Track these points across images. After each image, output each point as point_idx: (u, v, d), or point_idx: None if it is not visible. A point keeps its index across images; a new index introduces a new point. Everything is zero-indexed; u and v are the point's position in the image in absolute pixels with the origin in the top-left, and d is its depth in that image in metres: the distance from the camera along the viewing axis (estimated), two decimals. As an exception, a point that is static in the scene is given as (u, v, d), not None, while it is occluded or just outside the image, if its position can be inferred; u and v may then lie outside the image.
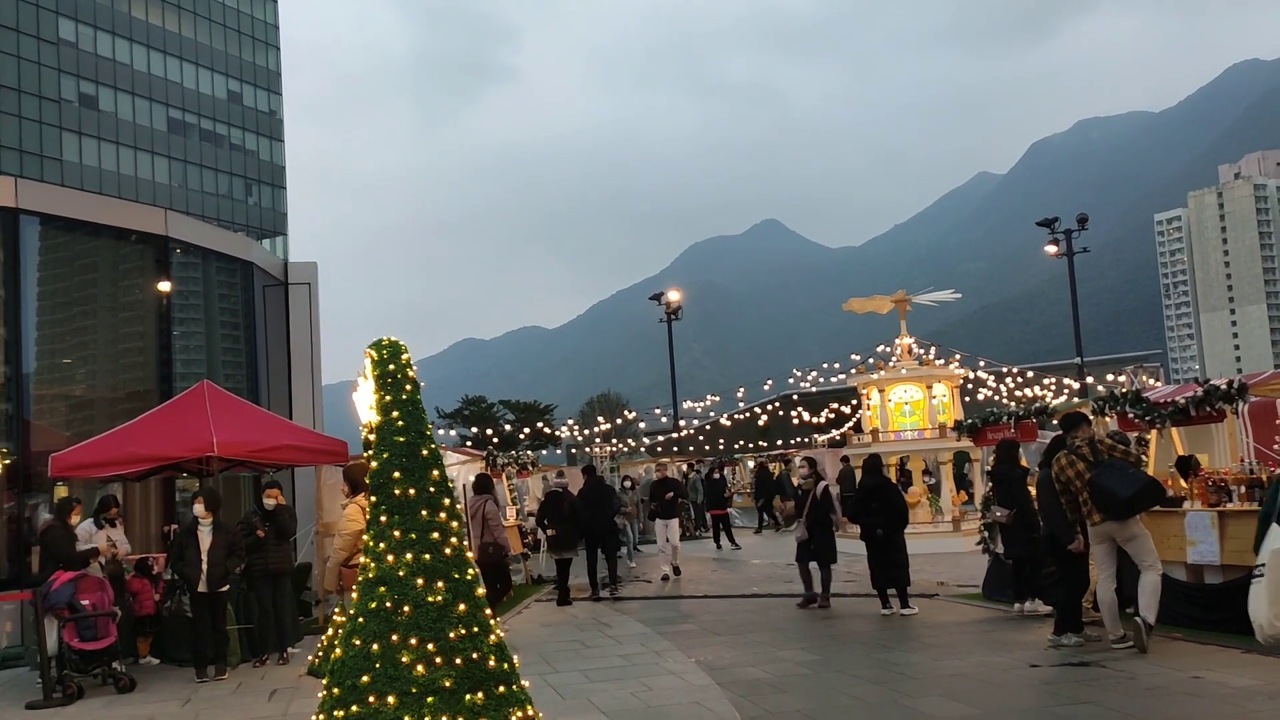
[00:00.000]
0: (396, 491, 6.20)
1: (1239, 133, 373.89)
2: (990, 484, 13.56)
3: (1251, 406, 10.52)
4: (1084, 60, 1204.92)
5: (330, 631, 9.50)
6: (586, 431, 40.06)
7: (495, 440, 32.57)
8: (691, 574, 18.66)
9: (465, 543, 6.81)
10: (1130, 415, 11.00)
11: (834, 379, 30.58)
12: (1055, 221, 33.45)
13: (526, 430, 47.12)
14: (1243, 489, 10.33)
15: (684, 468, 31.97)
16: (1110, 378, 32.50)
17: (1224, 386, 9.94)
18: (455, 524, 6.49)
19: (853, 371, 24.42)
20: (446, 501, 6.38)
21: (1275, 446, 10.06)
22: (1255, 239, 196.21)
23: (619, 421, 41.29)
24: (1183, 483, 11.03)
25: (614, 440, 40.75)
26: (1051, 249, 33.23)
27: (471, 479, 17.20)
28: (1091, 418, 10.71)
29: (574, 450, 47.42)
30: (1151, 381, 35.37)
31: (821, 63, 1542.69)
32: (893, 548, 12.88)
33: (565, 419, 53.88)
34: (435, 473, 6.38)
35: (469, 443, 39.66)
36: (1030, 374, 33.42)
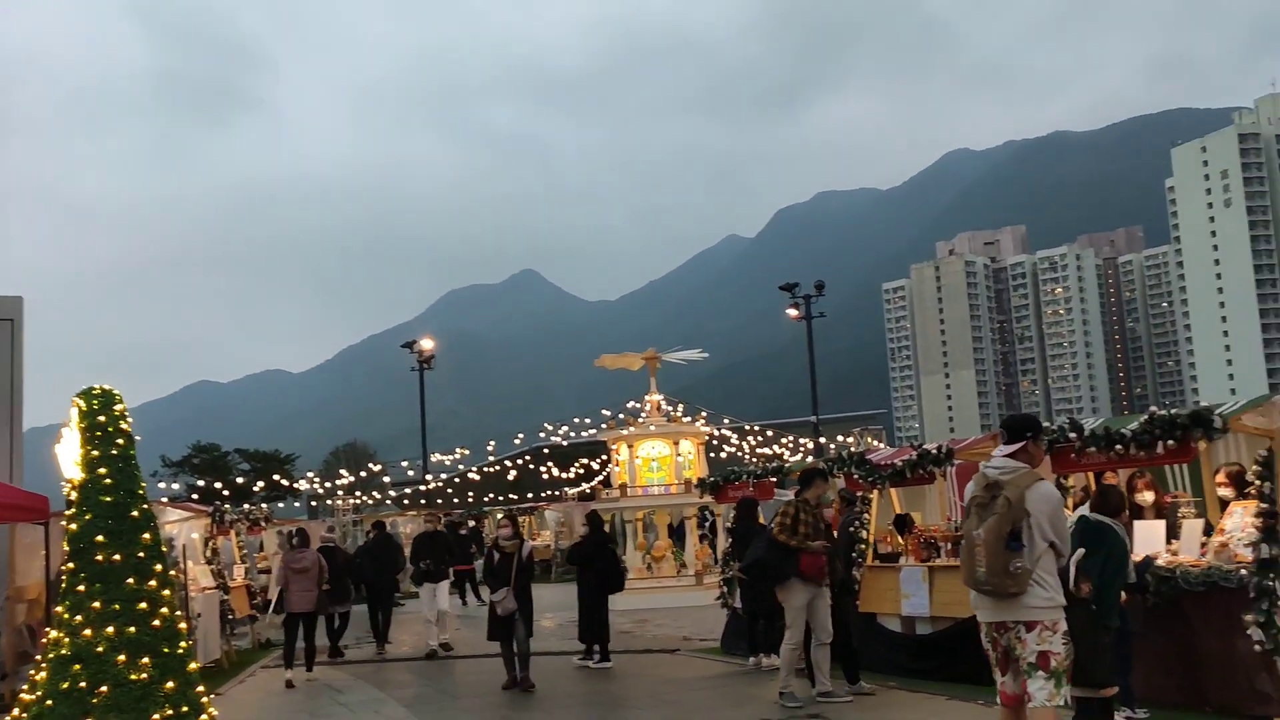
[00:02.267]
0: (99, 557, 5.67)
1: (954, 213, 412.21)
2: (731, 540, 14.03)
3: (958, 468, 11.42)
4: (825, 136, 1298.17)
5: (15, 712, 8.50)
6: (329, 483, 38.42)
7: (226, 492, 30.60)
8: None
9: (179, 612, 6.31)
10: (855, 476, 11.70)
11: (585, 433, 30.90)
12: (796, 286, 35.47)
13: (262, 482, 44.65)
14: (950, 545, 11.18)
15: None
16: (841, 438, 34.48)
17: (935, 451, 10.76)
18: (167, 592, 6.00)
19: (603, 426, 24.73)
20: (158, 568, 5.90)
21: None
22: (966, 310, 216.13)
23: (363, 474, 39.88)
24: (899, 539, 11.80)
25: (358, 493, 39.27)
26: (793, 312, 35.15)
27: (195, 536, 16.04)
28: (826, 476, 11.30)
29: (315, 503, 45.36)
30: (875, 443, 37.80)
31: (584, 118, 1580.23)
32: (603, 605, 13.37)
33: (307, 469, 51.40)
34: (146, 536, 5.89)
35: (195, 495, 37.11)
36: (771, 432, 35.08)
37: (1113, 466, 9.18)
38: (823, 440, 34.43)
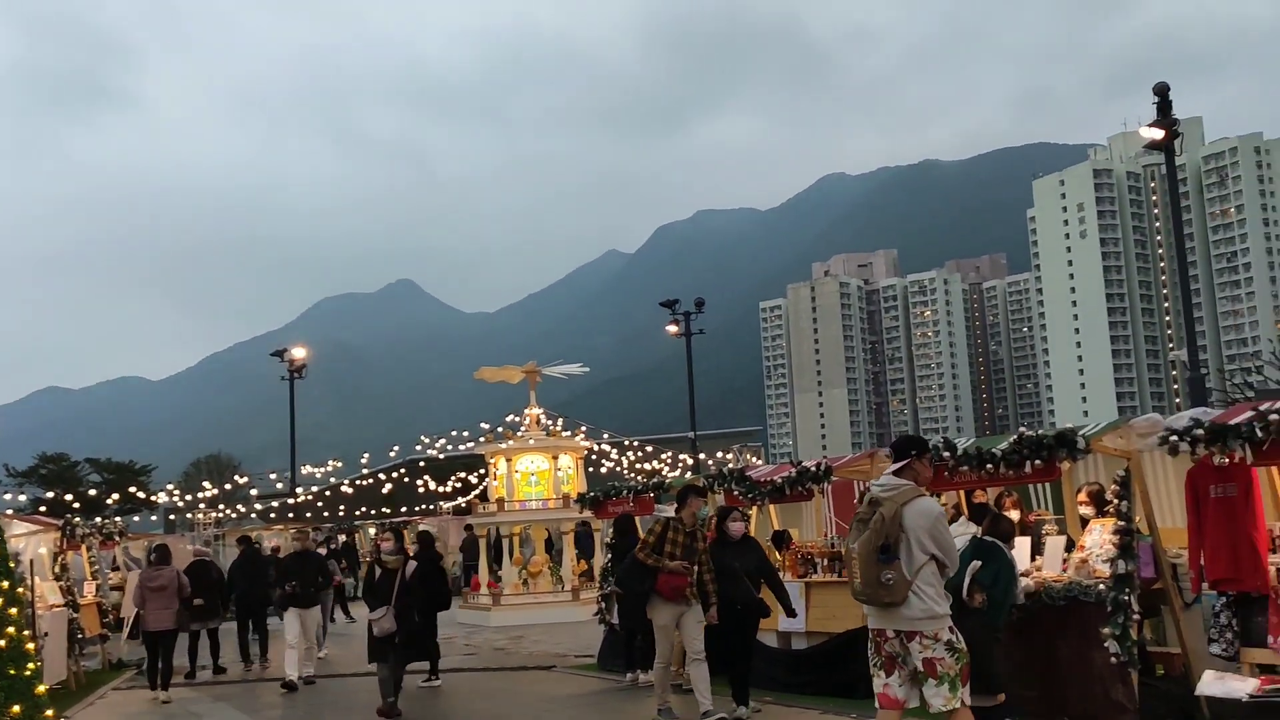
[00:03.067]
0: (-66, 577, 5.26)
1: (830, 235, 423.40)
2: (609, 556, 13.98)
3: (834, 485, 11.63)
4: (706, 155, 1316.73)
5: None
6: (189, 496, 36.85)
7: (76, 505, 29.05)
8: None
9: (27, 631, 5.91)
10: (735, 492, 11.79)
11: (462, 446, 30.43)
12: (676, 303, 35.70)
13: (116, 494, 42.51)
14: (826, 561, 11.37)
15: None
16: (720, 454, 34.81)
17: (813, 468, 10.93)
18: (14, 610, 5.61)
19: (481, 440, 24.40)
20: (3, 584, 5.51)
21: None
22: (840, 330, 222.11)
23: (227, 487, 38.38)
24: (777, 555, 11.94)
25: (221, 506, 37.79)
26: (672, 328, 35.38)
27: (43, 551, 15.15)
28: (705, 493, 11.33)
29: (173, 516, 43.46)
30: (754, 460, 38.30)
31: (467, 128, 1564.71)
32: (433, 623, 13.18)
33: (165, 481, 49.18)
34: (-11, 553, 5.50)
35: (43, 508, 35.12)
36: (650, 447, 35.18)
37: (983, 485, 9.47)
38: (701, 456, 34.72)
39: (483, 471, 27.13)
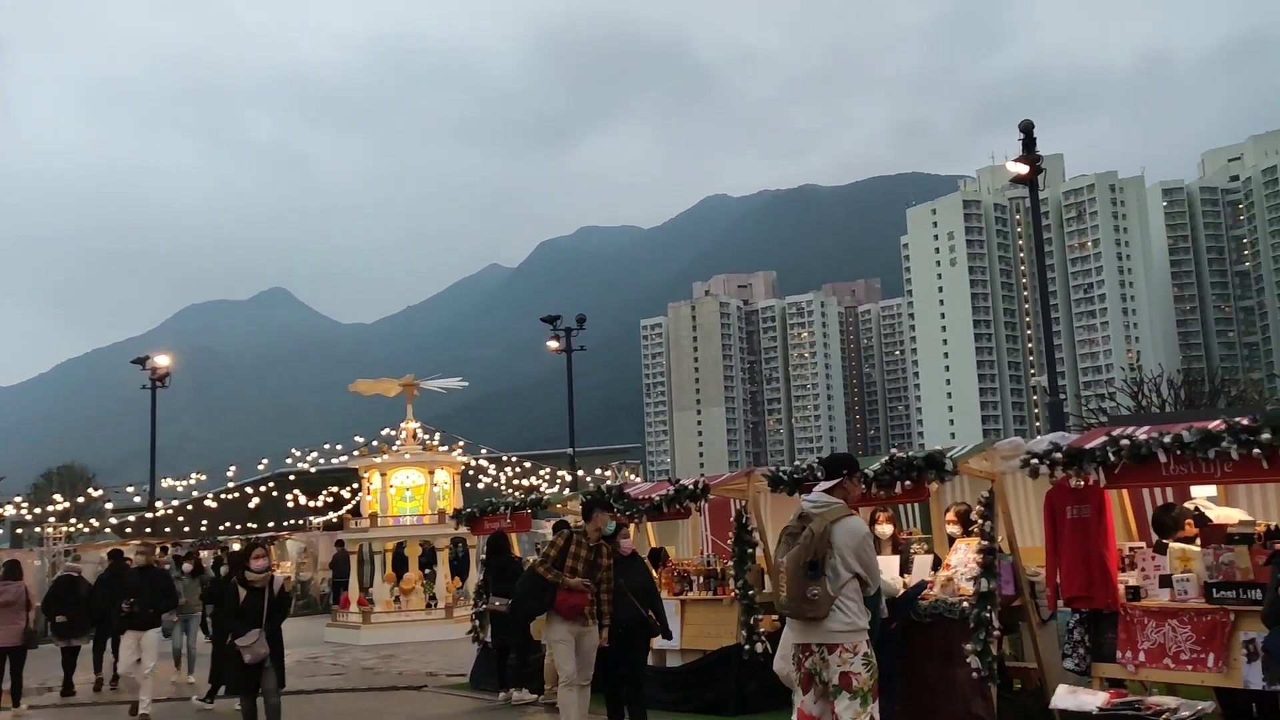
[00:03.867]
0: None
1: (711, 255, 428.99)
2: (484, 573, 13.78)
3: (711, 503, 11.72)
4: (591, 172, 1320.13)
5: None
6: (39, 509, 34.88)
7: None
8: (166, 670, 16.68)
9: None
10: (614, 509, 11.75)
11: (335, 460, 29.64)
12: (558, 319, 35.62)
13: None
14: (701, 579, 11.44)
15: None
16: (599, 471, 34.78)
17: (691, 486, 11.00)
18: None
19: (355, 453, 23.84)
20: None
21: (728, 540, 11.30)
22: (719, 349, 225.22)
23: (80, 500, 36.48)
24: (653, 572, 11.95)
25: (73, 520, 35.90)
26: (553, 344, 35.28)
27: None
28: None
29: (20, 530, 41.08)
30: (633, 477, 38.41)
31: (349, 135, 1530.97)
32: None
33: (12, 493, 46.45)
34: None
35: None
36: (529, 463, 34.92)
37: (855, 505, 9.65)
38: (580, 473, 34.64)
39: (356, 486, 26.50)
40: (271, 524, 38.21)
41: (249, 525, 38.67)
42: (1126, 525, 8.95)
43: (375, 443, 23.96)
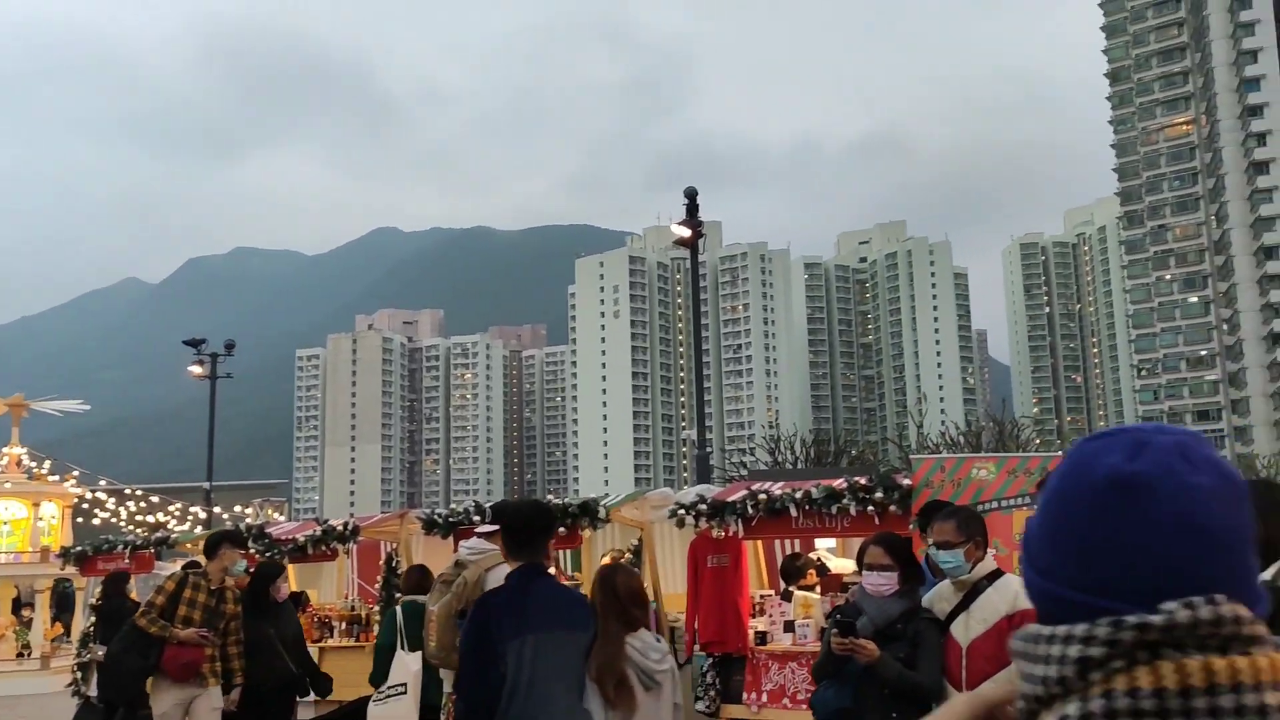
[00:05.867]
0: None
1: (377, 289, 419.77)
2: (95, 619, 12.37)
3: (360, 545, 11.25)
4: (253, 190, 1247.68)
5: None
6: None
7: None
8: None
9: None
10: (254, 550, 10.94)
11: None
12: (203, 343, 33.09)
13: None
14: (344, 625, 10.89)
15: None
16: (239, 508, 32.57)
17: (340, 527, 10.48)
18: None
19: (-58, 479, 20.71)
20: None
21: (375, 584, 10.86)
22: (379, 385, 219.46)
23: None
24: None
25: None
26: (196, 369, 32.73)
27: None
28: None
29: None
30: (277, 515, 36.33)
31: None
32: None
33: None
34: None
35: None
36: (157, 497, 31.98)
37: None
38: (217, 509, 32.17)
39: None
40: None
41: None
42: (759, 574, 9.52)
43: (-31, 468, 20.96)
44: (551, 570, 5.31)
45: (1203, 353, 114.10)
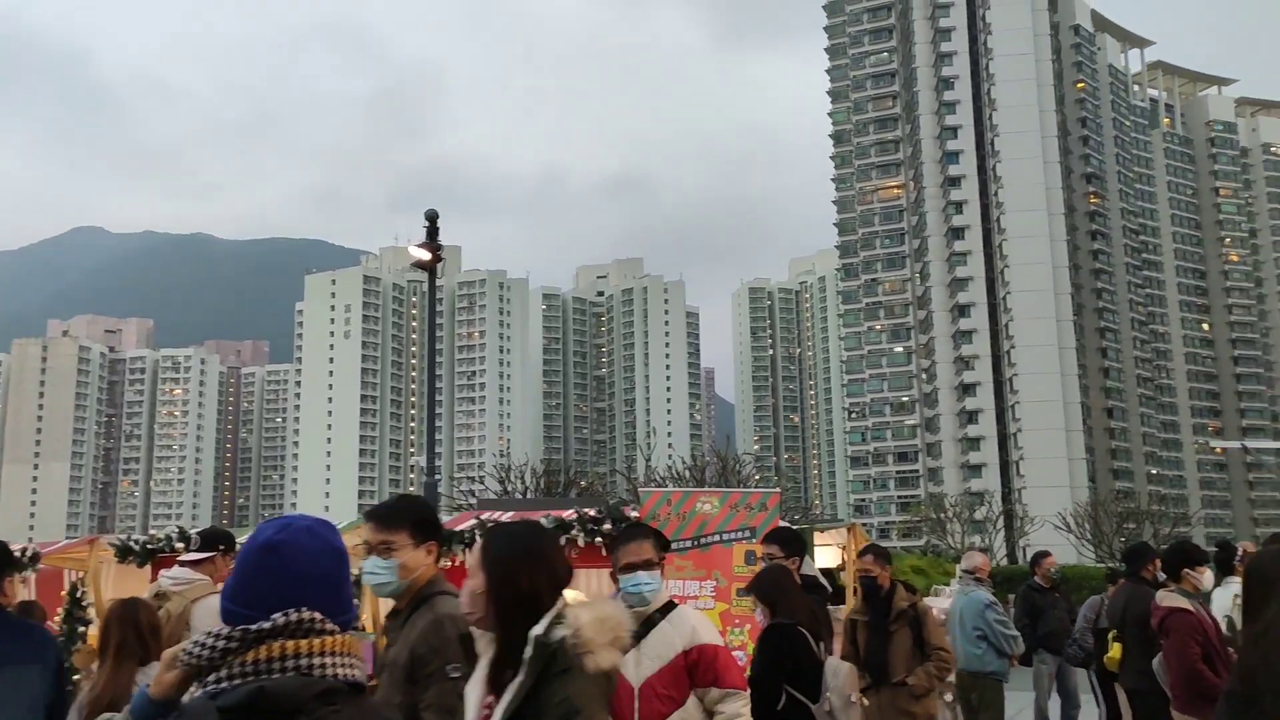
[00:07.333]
0: None
1: (75, 293, 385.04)
2: None
3: (40, 574, 10.15)
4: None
5: None
6: None
7: None
8: None
9: None
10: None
11: None
12: None
13: None
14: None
15: None
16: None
17: (18, 553, 9.38)
18: None
19: None
20: None
21: (55, 616, 9.81)
22: (72, 397, 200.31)
23: None
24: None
25: None
26: None
27: None
28: None
29: None
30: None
31: None
32: None
33: None
34: None
35: None
36: None
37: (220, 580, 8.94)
38: None
39: None
40: None
41: None
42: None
43: None
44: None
45: (905, 399, 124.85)
